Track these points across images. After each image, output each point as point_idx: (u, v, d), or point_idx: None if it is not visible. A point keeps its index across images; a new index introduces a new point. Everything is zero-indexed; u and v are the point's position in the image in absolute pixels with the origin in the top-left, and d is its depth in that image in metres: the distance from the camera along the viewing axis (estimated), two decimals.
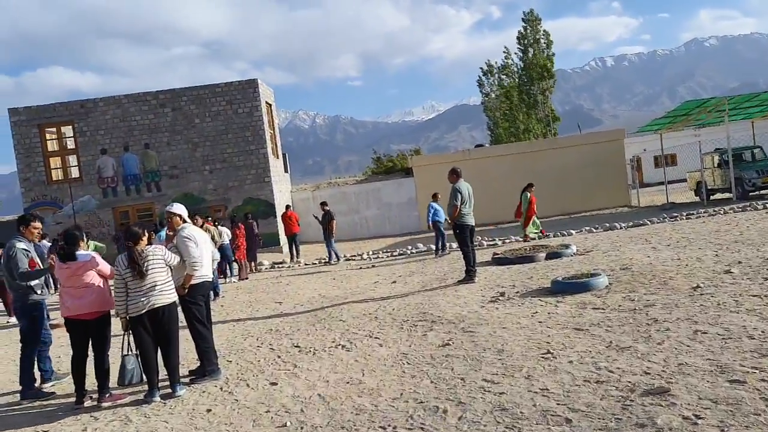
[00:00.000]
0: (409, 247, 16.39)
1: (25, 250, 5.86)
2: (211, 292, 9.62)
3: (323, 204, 16.04)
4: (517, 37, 36.75)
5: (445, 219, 12.19)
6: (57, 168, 20.73)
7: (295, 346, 6.35)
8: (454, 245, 14.28)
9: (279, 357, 6.02)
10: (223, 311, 9.58)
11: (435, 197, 14.58)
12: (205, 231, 13.03)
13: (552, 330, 5.53)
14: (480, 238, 16.13)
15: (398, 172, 26.01)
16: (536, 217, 15.28)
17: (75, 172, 20.83)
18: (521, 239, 14.85)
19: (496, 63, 39.87)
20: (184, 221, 5.78)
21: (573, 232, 15.27)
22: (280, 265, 16.23)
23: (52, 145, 20.76)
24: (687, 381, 3.81)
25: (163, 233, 12.85)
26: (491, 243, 15.12)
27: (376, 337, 6.20)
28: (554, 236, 15.06)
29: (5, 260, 5.87)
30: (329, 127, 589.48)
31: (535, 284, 7.95)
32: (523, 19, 37.76)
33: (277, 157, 22.86)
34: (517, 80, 36.40)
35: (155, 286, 5.11)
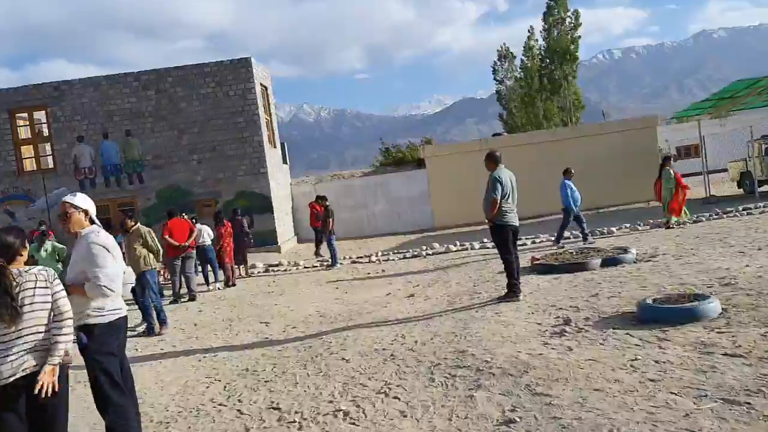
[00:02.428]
0: (424, 248, 14.28)
1: None
2: (154, 322, 7.66)
3: (322, 198, 13.94)
4: (543, 14, 34.22)
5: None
6: (29, 157, 18.69)
7: (275, 408, 4.26)
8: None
9: (247, 431, 3.94)
10: (194, 333, 7.51)
11: (568, 173, 12.27)
12: (188, 233, 10.96)
13: (680, 398, 3.43)
14: None
15: (409, 164, 23.87)
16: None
17: (49, 162, 18.78)
18: (666, 224, 12.31)
19: (509, 50, 37.54)
20: (93, 222, 3.71)
21: (614, 229, 13.14)
22: (275, 268, 14.15)
23: (23, 133, 18.72)
24: None
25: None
26: (519, 244, 12.96)
27: (395, 397, 4.11)
28: (591, 235, 12.92)
29: None
30: (335, 121, 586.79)
31: (607, 306, 5.82)
32: None
33: (275, 146, 20.74)
34: (538, 63, 34.02)
35: (34, 335, 3.05)
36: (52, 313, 3.12)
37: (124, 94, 18.27)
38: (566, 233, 13.01)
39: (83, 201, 3.72)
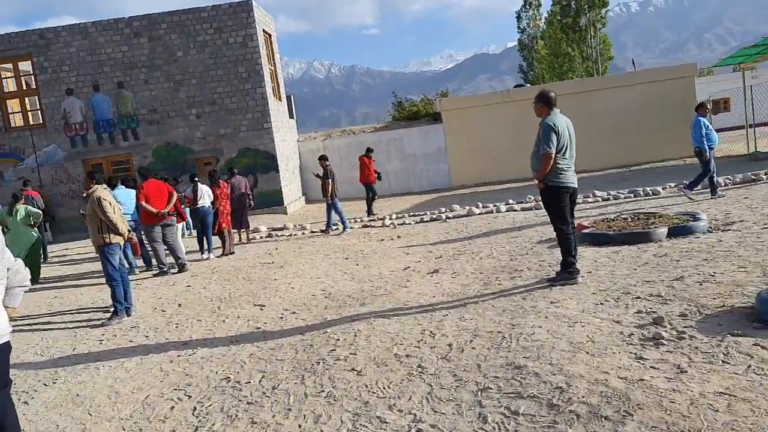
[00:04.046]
0: (443, 210, 12.87)
1: None
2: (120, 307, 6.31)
3: (322, 159, 12.46)
4: None
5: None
6: (16, 112, 17.32)
7: None
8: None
9: None
10: (174, 318, 6.23)
11: (702, 108, 9.99)
12: (167, 197, 9.52)
13: None
14: (536, 197, 12.58)
15: (423, 119, 22.19)
16: None
17: (38, 118, 17.41)
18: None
19: None
20: None
21: (660, 189, 11.62)
22: (280, 233, 12.85)
23: (8, 86, 17.31)
24: None
25: (123, 192, 9.48)
26: None
27: None
28: (633, 196, 11.44)
29: None
30: (345, 78, 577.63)
31: (703, 296, 4.39)
32: None
33: (279, 99, 19.17)
34: (559, 10, 31.58)
35: None
36: None
37: (115, 42, 16.71)
38: (610, 194, 11.51)
39: None
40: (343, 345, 4.45)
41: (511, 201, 13.14)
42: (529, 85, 24.57)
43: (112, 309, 6.51)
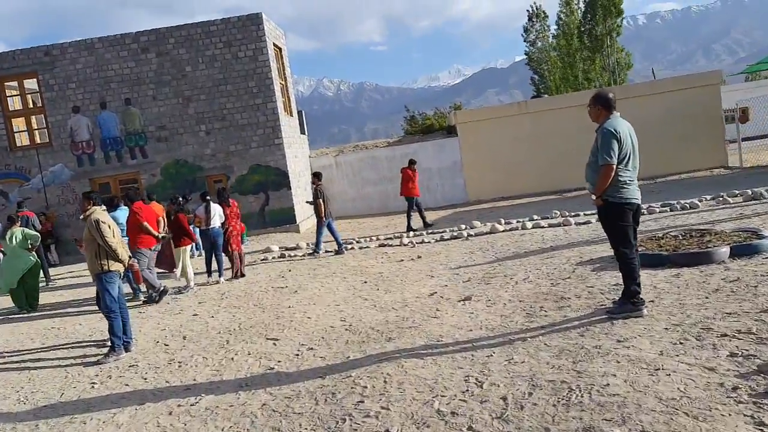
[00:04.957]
0: (464, 227, 12.17)
1: None
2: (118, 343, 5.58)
3: (316, 176, 11.75)
4: None
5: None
6: (21, 131, 16.90)
7: None
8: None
9: None
10: (177, 354, 5.56)
11: None
12: (164, 224, 8.96)
13: None
14: (562, 213, 11.84)
15: (437, 132, 21.57)
16: None
17: (44, 136, 16.98)
18: None
19: (541, 9, 34.48)
20: None
21: (698, 202, 10.85)
22: (292, 252, 12.19)
23: (14, 104, 16.92)
24: None
25: (125, 213, 8.87)
26: (582, 222, 10.78)
27: None
28: (669, 210, 10.67)
29: None
30: (354, 95, 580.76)
31: None
32: None
33: (291, 115, 18.64)
34: (578, 19, 30.90)
35: None
36: None
37: (122, 57, 16.28)
38: (645, 205, 10.75)
39: None
40: (372, 395, 3.74)
41: (535, 216, 12.42)
42: (546, 96, 23.91)
43: (109, 343, 5.85)
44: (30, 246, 9.04)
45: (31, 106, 17.06)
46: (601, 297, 5.19)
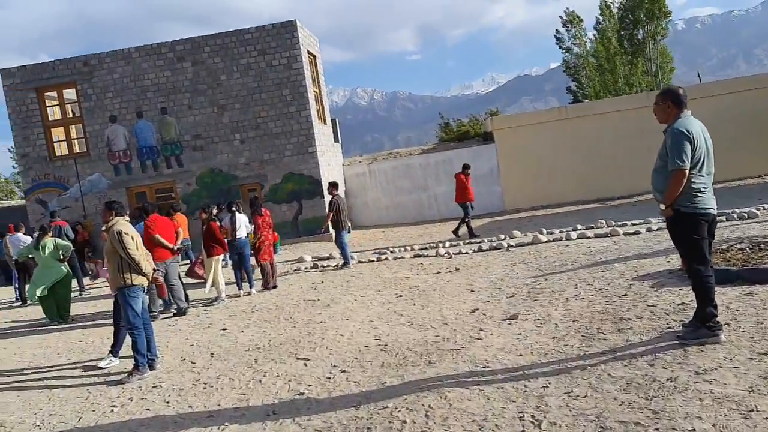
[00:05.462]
0: (504, 237, 11.65)
1: None
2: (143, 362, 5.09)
3: (332, 185, 11.35)
4: None
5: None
6: (60, 141, 17.11)
7: None
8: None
9: None
10: (203, 374, 5.24)
11: None
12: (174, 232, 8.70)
13: None
14: (608, 222, 11.19)
15: (472, 139, 21.05)
16: None
17: (81, 146, 17.16)
18: None
19: (575, 15, 33.59)
20: None
21: (756, 211, 10.10)
22: (325, 263, 11.88)
23: (53, 113, 17.16)
24: None
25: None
26: (631, 232, 10.14)
27: None
28: (726, 219, 9.94)
29: None
30: (387, 103, 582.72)
31: None
32: None
33: (324, 123, 18.42)
34: (618, 23, 29.87)
35: None
36: None
37: (158, 67, 16.35)
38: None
39: None
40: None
41: (579, 226, 11.82)
42: (587, 101, 23.14)
43: (133, 361, 5.58)
44: (62, 256, 8.94)
45: (69, 115, 17.28)
46: (666, 318, 4.65)
